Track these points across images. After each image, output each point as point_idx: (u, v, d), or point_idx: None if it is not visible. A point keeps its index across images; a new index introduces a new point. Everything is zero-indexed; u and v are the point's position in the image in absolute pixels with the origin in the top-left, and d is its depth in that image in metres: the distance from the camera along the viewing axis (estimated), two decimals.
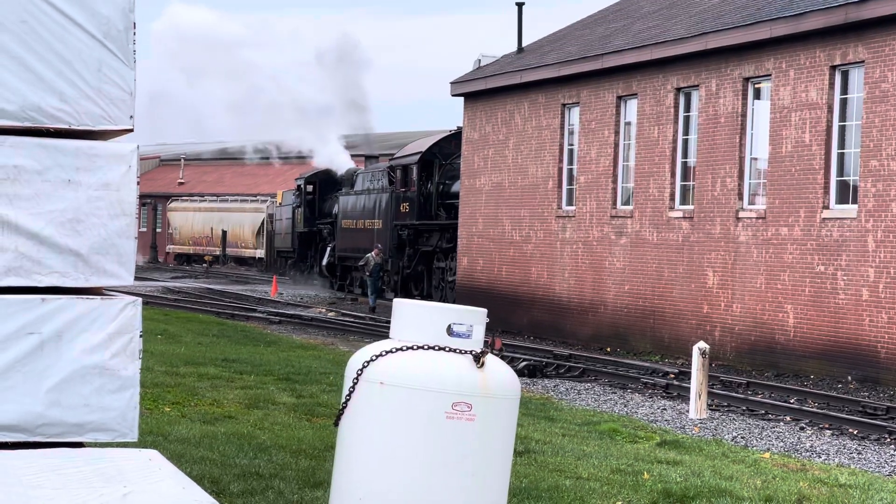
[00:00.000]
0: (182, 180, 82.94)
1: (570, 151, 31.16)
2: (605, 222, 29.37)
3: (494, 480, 6.55)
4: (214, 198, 75.02)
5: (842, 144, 23.12)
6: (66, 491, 5.06)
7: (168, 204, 78.81)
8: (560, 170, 31.30)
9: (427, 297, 38.36)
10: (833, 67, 23.11)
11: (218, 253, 71.60)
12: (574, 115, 30.99)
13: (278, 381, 17.22)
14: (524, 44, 35.25)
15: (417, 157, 39.80)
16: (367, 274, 39.19)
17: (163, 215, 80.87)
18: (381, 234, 41.51)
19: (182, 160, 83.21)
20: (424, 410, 6.28)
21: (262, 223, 67.38)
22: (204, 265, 70.75)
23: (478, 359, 6.40)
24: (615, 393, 20.24)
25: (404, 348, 6.40)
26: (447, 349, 6.40)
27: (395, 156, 43.36)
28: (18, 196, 6.16)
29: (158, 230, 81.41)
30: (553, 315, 31.00)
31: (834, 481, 11.70)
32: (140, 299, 6.56)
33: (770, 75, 24.56)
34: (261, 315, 33.69)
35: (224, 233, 70.60)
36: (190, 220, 75.27)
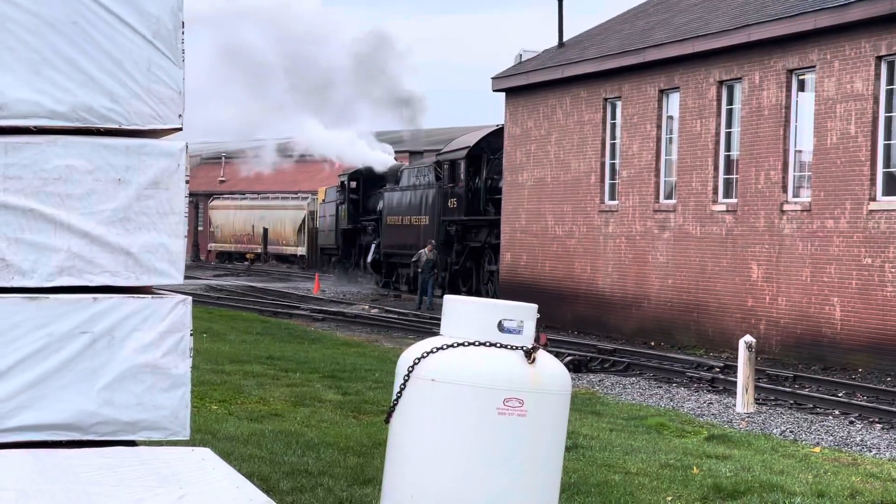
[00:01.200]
0: (223, 178, 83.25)
1: (613, 146, 31.06)
2: (647, 216, 29.26)
3: (546, 476, 6.53)
4: (255, 195, 75.24)
5: (888, 135, 22.93)
6: (123, 489, 5.07)
7: (209, 202, 79.13)
8: (602, 164, 31.21)
9: (476, 293, 38.14)
10: (879, 58, 22.92)
11: (259, 251, 71.82)
12: (616, 110, 30.89)
13: (323, 378, 17.25)
14: (565, 38, 35.16)
15: (465, 151, 39.55)
16: (420, 271, 38.61)
17: (204, 213, 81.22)
18: (429, 230, 41.28)
19: (223, 158, 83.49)
20: (476, 407, 6.27)
21: (304, 220, 67.51)
22: (245, 263, 71.01)
23: (529, 354, 6.39)
24: (660, 387, 20.16)
25: (455, 345, 6.39)
26: (498, 345, 6.38)
27: (442, 151, 43.06)
28: (70, 196, 6.18)
29: (200, 228, 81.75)
30: (597, 310, 30.92)
31: (887, 476, 11.60)
32: (190, 298, 6.58)
33: (814, 67, 24.39)
34: (304, 312, 33.75)
35: (265, 230, 70.82)
36: (231, 218, 75.55)
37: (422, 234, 41.55)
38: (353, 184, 51.68)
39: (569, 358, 22.31)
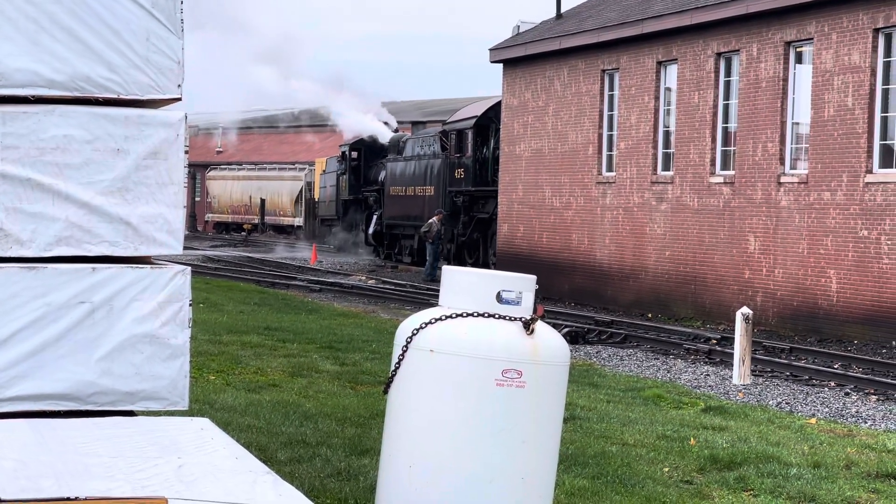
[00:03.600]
0: (220, 149, 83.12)
1: (610, 118, 31.02)
2: (645, 188, 29.26)
3: (544, 447, 6.54)
4: (252, 166, 75.13)
5: (885, 108, 22.90)
6: (121, 460, 5.08)
7: (206, 173, 79.03)
8: (600, 136, 31.18)
9: (483, 265, 37.83)
10: (876, 30, 22.87)
11: (256, 221, 71.79)
12: (614, 81, 30.84)
13: (321, 349, 17.27)
14: (563, 9, 35.07)
15: (473, 121, 39.14)
16: (430, 241, 38.29)
17: (201, 184, 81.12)
18: (434, 200, 40.88)
19: (220, 128, 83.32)
20: (475, 377, 6.28)
21: (301, 191, 67.43)
22: (243, 234, 70.99)
23: (528, 325, 6.39)
24: (658, 359, 20.19)
25: (454, 315, 6.39)
26: (497, 316, 6.38)
27: (449, 120, 42.55)
28: (68, 165, 6.18)
29: (197, 199, 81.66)
30: (594, 281, 30.94)
31: (882, 447, 11.64)
32: (189, 268, 6.58)
33: (812, 39, 24.34)
34: (301, 283, 33.76)
35: (262, 201, 70.75)
36: (228, 189, 75.47)
37: (426, 204, 41.19)
38: (355, 154, 51.32)
39: (566, 329, 22.33)
